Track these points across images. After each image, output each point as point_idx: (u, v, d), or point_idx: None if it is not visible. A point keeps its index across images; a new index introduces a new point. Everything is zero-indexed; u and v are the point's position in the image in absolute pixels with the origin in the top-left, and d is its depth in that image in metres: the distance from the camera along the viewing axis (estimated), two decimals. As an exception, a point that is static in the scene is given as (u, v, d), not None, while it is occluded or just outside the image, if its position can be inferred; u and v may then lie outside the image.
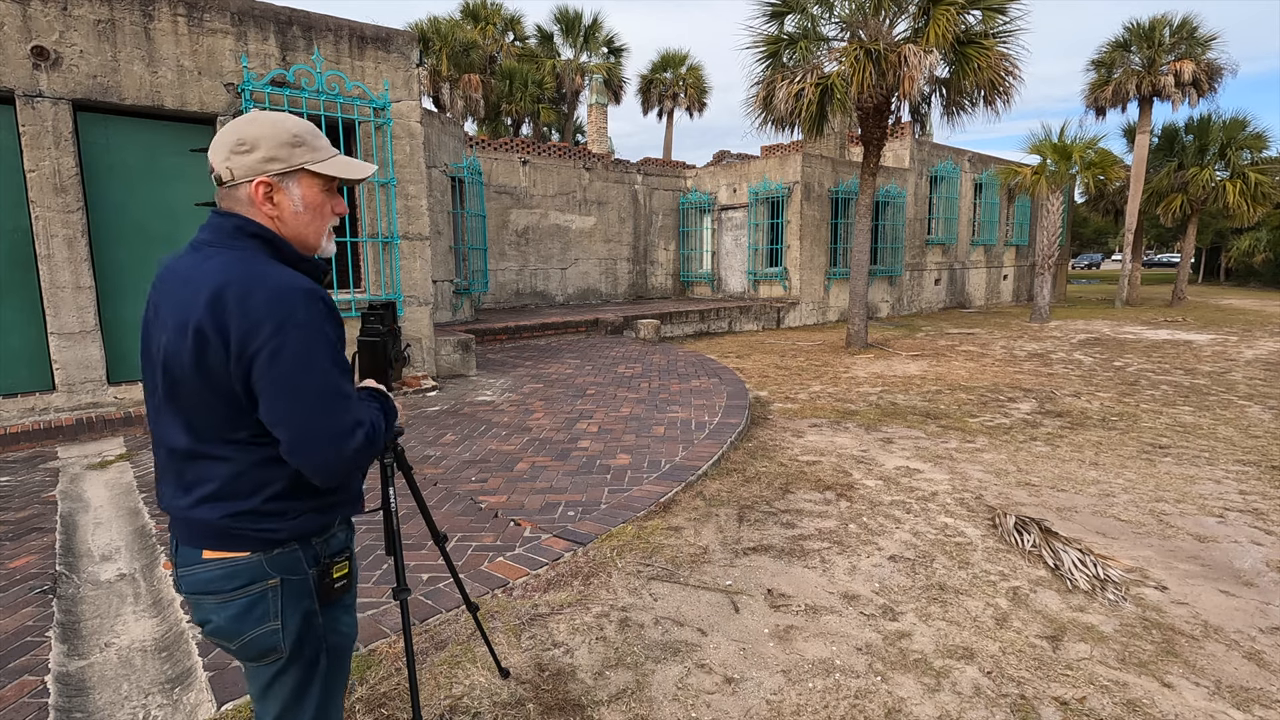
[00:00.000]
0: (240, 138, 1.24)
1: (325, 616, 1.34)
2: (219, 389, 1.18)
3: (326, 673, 1.36)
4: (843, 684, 2.34)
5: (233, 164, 1.24)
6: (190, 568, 1.25)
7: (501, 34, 23.83)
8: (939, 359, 9.91)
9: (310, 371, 1.18)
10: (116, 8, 5.36)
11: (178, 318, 1.18)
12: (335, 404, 1.21)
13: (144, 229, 5.75)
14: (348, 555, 1.39)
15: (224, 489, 1.22)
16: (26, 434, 5.27)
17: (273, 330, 1.15)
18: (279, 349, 1.15)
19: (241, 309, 1.14)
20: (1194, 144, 19.30)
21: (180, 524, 1.26)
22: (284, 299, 1.17)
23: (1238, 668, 2.47)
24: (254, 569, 1.24)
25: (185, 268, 1.23)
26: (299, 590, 1.29)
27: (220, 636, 1.26)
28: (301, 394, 1.17)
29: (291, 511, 1.26)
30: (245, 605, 1.24)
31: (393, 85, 6.75)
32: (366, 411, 1.29)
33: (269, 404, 1.18)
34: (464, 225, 11.30)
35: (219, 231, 1.25)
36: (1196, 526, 3.79)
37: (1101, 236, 48.25)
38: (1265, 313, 17.33)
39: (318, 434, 1.19)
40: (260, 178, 1.24)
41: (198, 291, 1.17)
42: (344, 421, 1.21)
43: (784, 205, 14.11)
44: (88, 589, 3.03)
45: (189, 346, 1.16)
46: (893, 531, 3.67)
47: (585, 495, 4.05)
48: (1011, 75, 9.60)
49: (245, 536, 1.23)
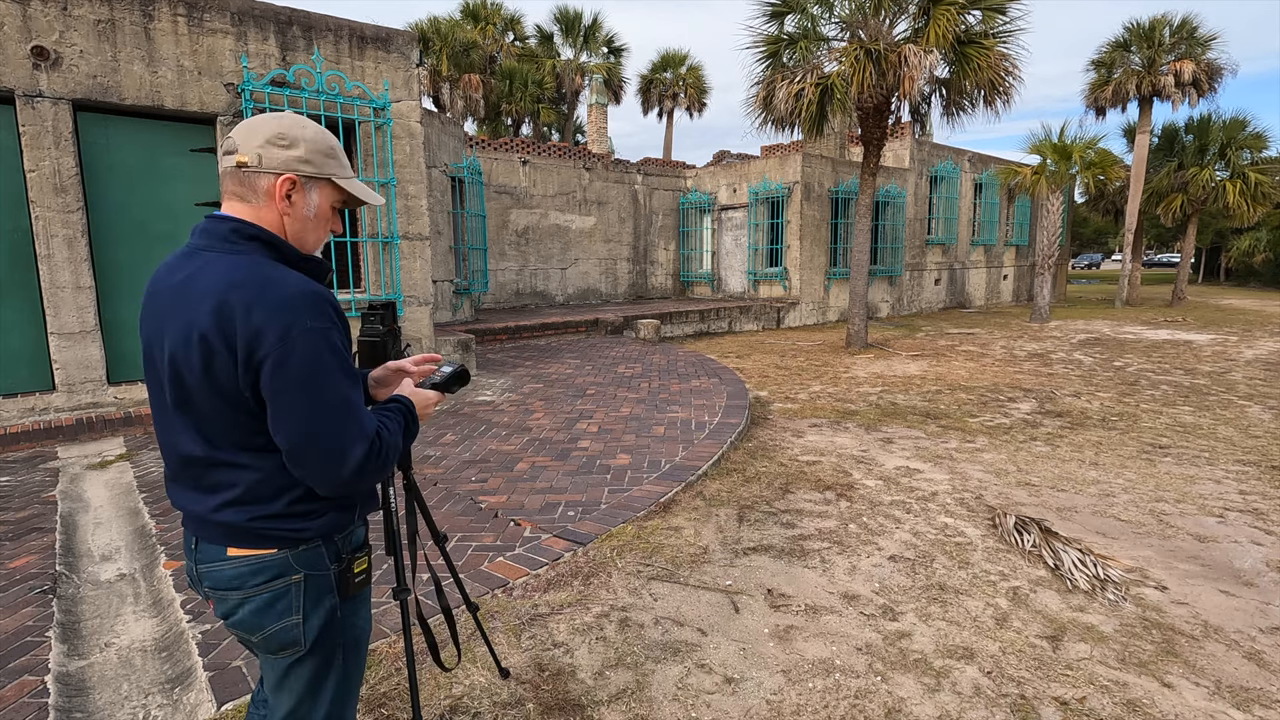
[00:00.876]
0: (281, 132, 1.25)
1: (343, 611, 1.35)
2: (231, 397, 1.17)
3: (343, 667, 1.37)
4: (843, 684, 2.34)
5: (266, 153, 1.24)
6: (215, 564, 1.25)
7: (501, 34, 23.83)
8: (939, 359, 9.91)
9: (315, 381, 1.16)
10: (116, 8, 5.36)
11: (183, 327, 1.17)
12: (339, 415, 1.19)
13: (144, 229, 5.75)
14: (367, 551, 1.40)
15: (247, 494, 1.22)
16: (26, 434, 5.27)
17: (278, 338, 1.13)
18: (284, 358, 1.14)
19: (246, 316, 1.13)
20: (1194, 144, 19.30)
21: (201, 524, 1.26)
22: (290, 305, 1.15)
23: (1238, 668, 2.47)
24: (280, 564, 1.25)
25: (184, 275, 1.21)
26: (321, 585, 1.30)
27: (242, 629, 1.28)
28: (305, 405, 1.16)
29: (316, 512, 1.27)
30: (269, 600, 1.25)
31: (393, 85, 6.75)
32: (376, 423, 1.27)
33: (273, 412, 1.17)
34: (464, 225, 11.30)
35: (214, 236, 1.24)
36: (1196, 526, 3.79)
37: (1101, 236, 48.26)
38: (1265, 313, 17.32)
39: (318, 446, 1.17)
40: (290, 174, 1.25)
41: (201, 299, 1.16)
42: (348, 434, 1.19)
43: (784, 205, 14.11)
44: (88, 589, 3.03)
45: (196, 356, 1.15)
46: (893, 531, 3.67)
47: (585, 495, 4.05)
48: (1011, 75, 9.60)
49: (272, 536, 1.24)
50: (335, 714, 1.38)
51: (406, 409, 1.40)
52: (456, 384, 1.58)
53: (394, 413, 1.36)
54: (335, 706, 1.38)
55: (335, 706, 1.38)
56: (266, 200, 1.26)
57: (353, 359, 1.26)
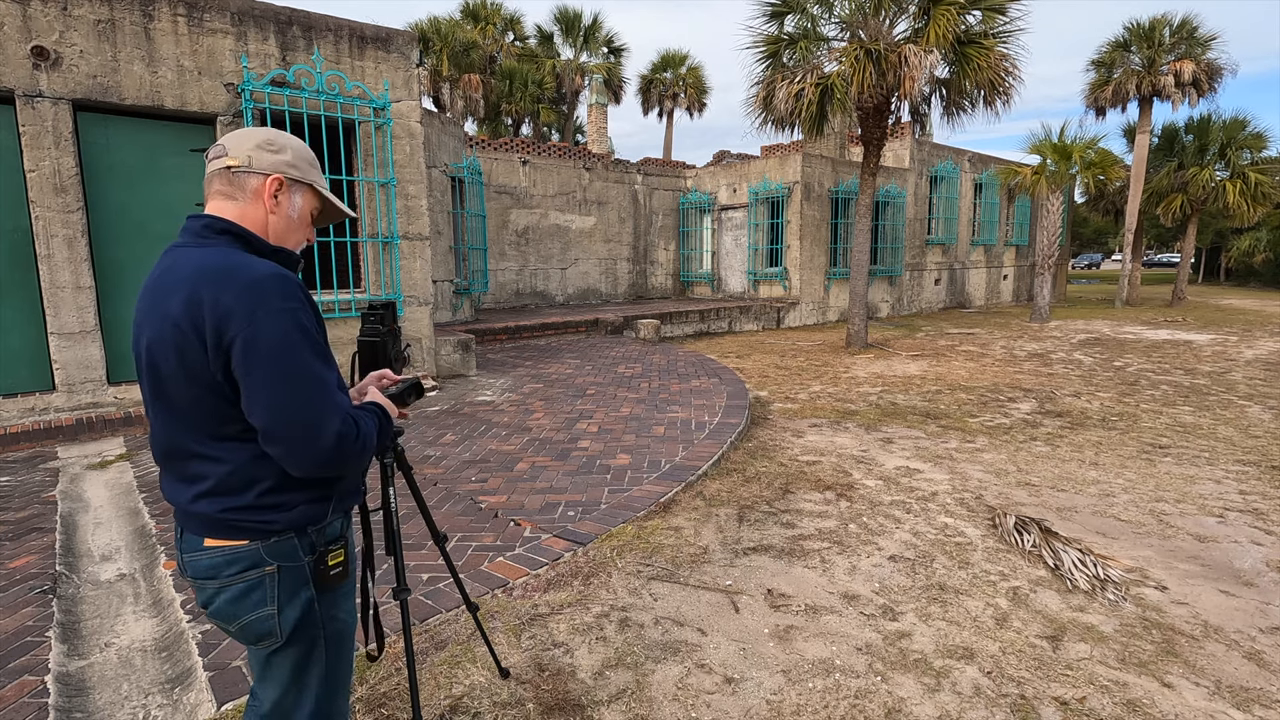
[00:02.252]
0: (270, 139, 1.34)
1: (323, 603, 1.37)
2: (203, 385, 1.20)
3: (327, 660, 1.39)
4: (843, 684, 2.34)
5: (256, 156, 1.32)
6: (194, 554, 1.29)
7: (501, 34, 23.82)
8: (939, 359, 9.91)
9: (285, 357, 1.18)
10: (116, 8, 5.37)
11: (158, 319, 1.21)
12: (312, 391, 1.21)
13: (144, 229, 5.75)
14: (343, 543, 1.41)
15: (218, 486, 1.25)
16: (26, 434, 5.27)
17: (245, 318, 1.16)
18: (253, 337, 1.16)
19: (214, 301, 1.16)
20: (1194, 144, 19.30)
21: (183, 515, 1.30)
22: (255, 287, 1.19)
23: (1238, 668, 2.47)
24: (252, 556, 1.27)
25: (161, 270, 1.27)
26: (296, 577, 1.32)
27: (220, 619, 1.31)
28: (277, 380, 1.18)
29: (287, 504, 1.29)
30: (243, 590, 1.27)
31: (393, 85, 6.75)
32: (349, 404, 1.31)
33: (246, 393, 1.19)
34: (464, 225, 11.30)
35: (189, 232, 1.30)
36: (1196, 526, 3.79)
37: (1101, 236, 48.25)
38: (1265, 313, 17.32)
39: (292, 421, 1.19)
40: (278, 174, 1.33)
41: (173, 289, 1.20)
42: (323, 409, 1.22)
43: (784, 205, 14.11)
44: (88, 589, 3.03)
45: (170, 344, 1.19)
46: (893, 531, 3.67)
47: (585, 495, 4.05)
48: (1011, 75, 9.60)
49: (243, 527, 1.26)
50: (323, 708, 1.39)
51: (378, 408, 1.44)
52: (411, 395, 1.59)
53: (366, 410, 1.40)
54: (322, 701, 1.39)
55: (322, 701, 1.39)
56: (254, 198, 1.32)
57: (324, 342, 1.28)
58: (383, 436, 1.41)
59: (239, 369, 1.17)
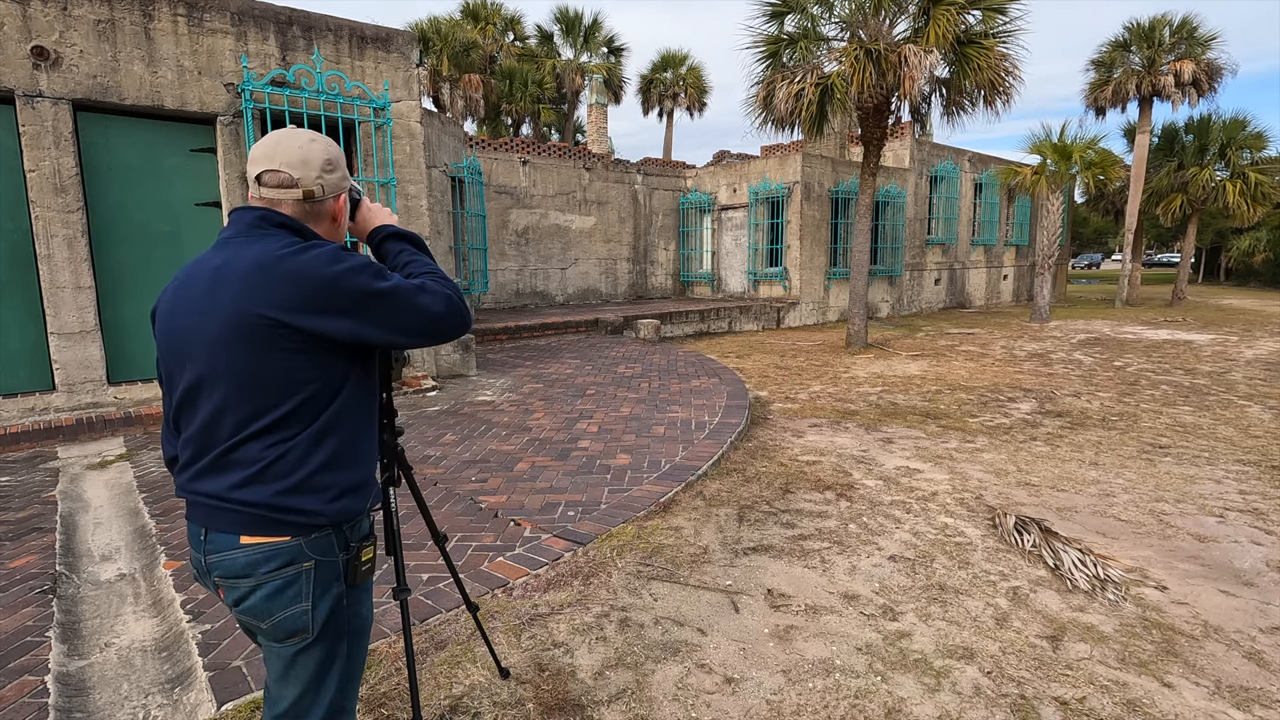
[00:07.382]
0: (328, 158, 1.36)
1: (348, 599, 1.38)
2: (268, 365, 1.22)
3: (347, 656, 1.40)
4: (843, 684, 2.34)
5: (325, 181, 1.35)
6: (227, 553, 1.27)
7: (501, 34, 23.81)
8: (939, 359, 9.91)
9: (384, 277, 1.27)
10: (116, 8, 5.36)
11: (219, 306, 1.22)
12: (423, 286, 1.31)
13: (144, 229, 5.75)
14: (373, 540, 1.43)
15: (269, 470, 1.25)
16: (26, 434, 5.27)
17: (328, 282, 1.22)
18: (345, 284, 1.23)
19: (284, 280, 1.21)
20: (1194, 144, 19.30)
21: (212, 511, 1.28)
22: (320, 259, 1.23)
23: (1238, 668, 2.47)
24: (293, 551, 1.28)
25: (220, 261, 1.27)
26: (330, 572, 1.33)
27: (252, 615, 1.30)
28: (397, 295, 1.26)
29: (333, 487, 1.30)
30: (279, 586, 1.27)
31: (393, 85, 6.75)
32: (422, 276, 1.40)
33: (375, 323, 1.25)
34: (464, 225, 11.30)
35: (242, 224, 1.31)
36: (1196, 526, 3.79)
37: (1101, 236, 48.26)
38: (1265, 313, 17.32)
39: (435, 310, 1.30)
40: (344, 194, 1.42)
41: (234, 276, 1.22)
42: (441, 289, 1.33)
43: (784, 205, 14.11)
44: (88, 589, 3.03)
45: (235, 330, 1.20)
46: (893, 531, 3.67)
47: (585, 495, 4.05)
48: (1011, 75, 9.59)
49: (288, 521, 1.26)
50: (336, 704, 1.40)
51: (408, 236, 1.53)
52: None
53: (405, 252, 1.49)
54: (337, 696, 1.39)
55: (337, 696, 1.39)
56: (328, 221, 1.40)
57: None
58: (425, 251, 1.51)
59: (353, 316, 1.23)
